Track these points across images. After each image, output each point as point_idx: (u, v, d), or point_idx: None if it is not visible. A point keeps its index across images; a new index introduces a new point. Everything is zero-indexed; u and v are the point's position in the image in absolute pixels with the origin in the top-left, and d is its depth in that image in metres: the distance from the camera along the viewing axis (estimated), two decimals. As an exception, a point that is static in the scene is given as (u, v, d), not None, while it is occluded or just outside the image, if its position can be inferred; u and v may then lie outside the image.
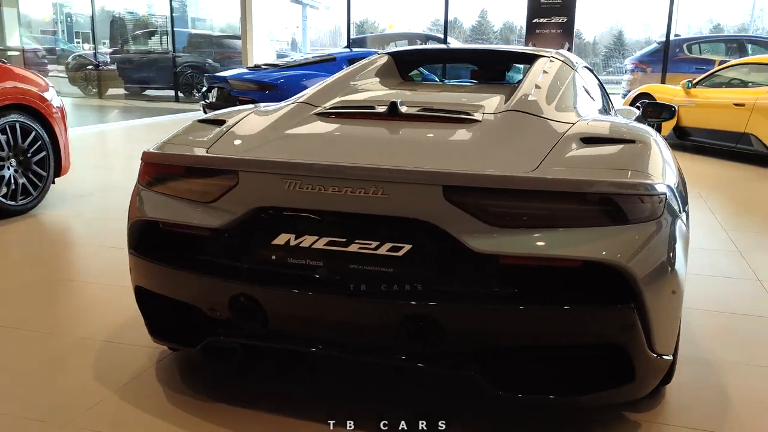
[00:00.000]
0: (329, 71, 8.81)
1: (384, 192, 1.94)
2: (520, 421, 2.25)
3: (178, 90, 15.82)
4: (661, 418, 2.29)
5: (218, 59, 16.38)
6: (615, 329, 1.93)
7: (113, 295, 3.38)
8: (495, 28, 45.79)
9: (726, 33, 29.66)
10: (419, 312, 1.94)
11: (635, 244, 1.91)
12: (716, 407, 2.37)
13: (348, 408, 2.30)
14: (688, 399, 2.41)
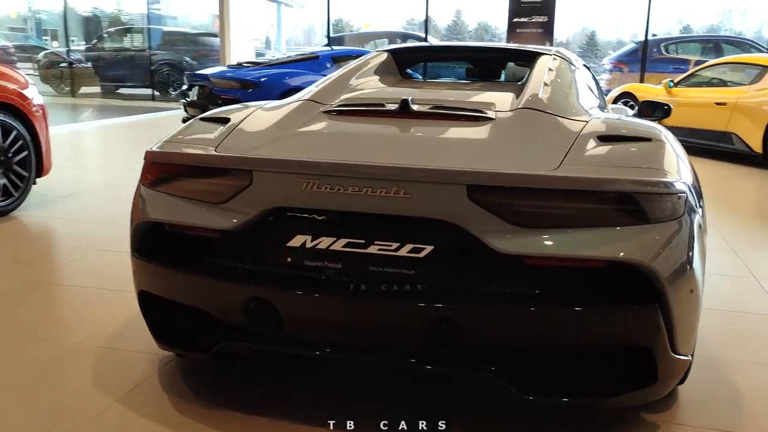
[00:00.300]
0: (313, 69, 8.77)
1: (406, 192, 1.89)
2: (521, 421, 2.22)
3: (154, 88, 15.59)
4: (678, 418, 2.28)
5: (195, 57, 16.17)
6: (640, 330, 1.91)
7: (103, 299, 3.28)
8: (469, 27, 46.02)
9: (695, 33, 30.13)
10: (442, 315, 1.89)
11: (659, 243, 1.88)
12: (729, 406, 2.36)
13: (348, 408, 2.27)
14: (700, 398, 2.40)
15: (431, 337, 1.91)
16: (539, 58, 3.13)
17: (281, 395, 2.38)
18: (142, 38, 17.10)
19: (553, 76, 2.81)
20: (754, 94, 7.49)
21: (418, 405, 2.29)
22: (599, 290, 1.92)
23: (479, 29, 45.21)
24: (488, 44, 3.68)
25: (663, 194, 1.91)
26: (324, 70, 8.90)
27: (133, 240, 2.31)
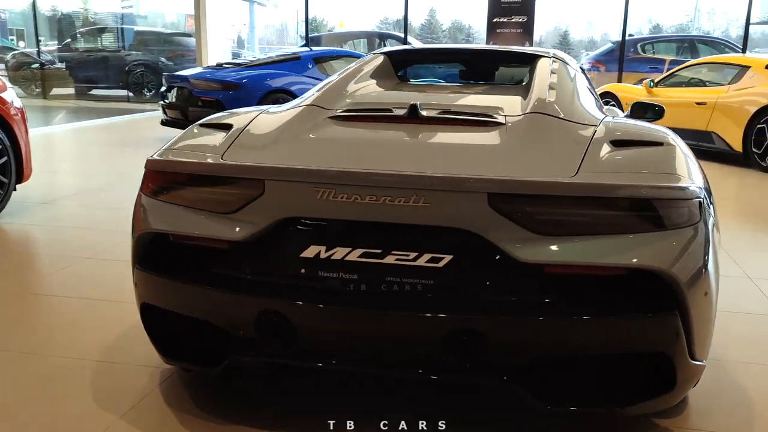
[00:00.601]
0: (294, 70, 8.69)
1: (425, 201, 1.85)
2: (522, 421, 2.21)
3: (129, 90, 15.35)
4: (690, 423, 2.27)
5: (170, 57, 15.95)
6: (660, 337, 1.89)
7: (94, 310, 3.19)
8: (444, 27, 46.16)
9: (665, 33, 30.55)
10: (462, 325, 1.86)
11: (678, 249, 1.87)
12: (738, 410, 2.36)
13: (348, 408, 2.25)
14: (709, 401, 2.39)
15: (451, 348, 1.87)
16: (538, 61, 3.11)
17: (281, 393, 2.37)
18: (116, 38, 16.81)
19: (555, 80, 2.79)
20: (733, 93, 7.58)
21: (418, 405, 2.27)
22: (619, 298, 1.90)
23: (453, 29, 45.43)
24: (485, 46, 3.66)
25: (681, 200, 1.90)
26: (306, 71, 8.84)
27: (135, 251, 2.24)
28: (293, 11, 39.91)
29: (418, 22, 43.39)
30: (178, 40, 16.82)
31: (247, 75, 8.41)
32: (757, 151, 7.15)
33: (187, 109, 8.39)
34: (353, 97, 2.68)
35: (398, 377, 2.02)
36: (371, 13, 60.36)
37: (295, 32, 40.90)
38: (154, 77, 15.47)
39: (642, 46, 13.66)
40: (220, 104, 8.11)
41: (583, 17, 53.03)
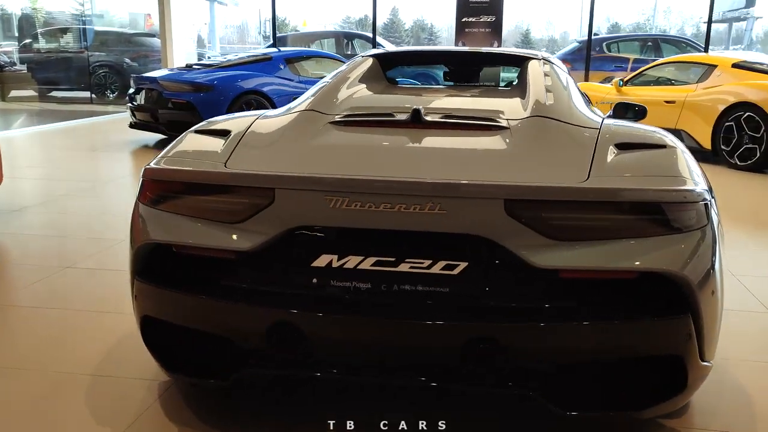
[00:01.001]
0: (266, 71, 8.60)
1: (442, 208, 1.83)
2: (522, 420, 2.22)
3: (92, 91, 15.01)
4: (696, 423, 2.29)
5: (134, 58, 15.65)
6: (674, 339, 1.91)
7: (81, 322, 3.10)
8: (406, 26, 46.22)
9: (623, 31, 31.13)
10: (480, 333, 1.84)
11: (690, 251, 1.89)
12: (740, 408, 2.40)
13: (348, 408, 2.25)
14: (711, 400, 2.42)
15: (469, 357, 1.86)
16: (529, 63, 3.11)
17: (281, 393, 2.35)
18: (78, 39, 16.41)
19: (550, 82, 2.80)
20: (701, 92, 7.73)
21: (418, 405, 2.27)
22: (632, 301, 1.91)
23: (416, 27, 45.53)
24: (473, 49, 3.66)
25: (691, 202, 1.91)
26: (277, 72, 8.75)
27: (135, 263, 2.17)
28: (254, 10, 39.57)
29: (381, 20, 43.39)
30: (141, 40, 16.52)
31: (219, 76, 8.28)
32: (726, 149, 7.30)
33: (156, 111, 8.24)
34: (350, 102, 2.64)
35: (414, 387, 2.00)
36: (334, 11, 60.14)
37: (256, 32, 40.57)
38: (118, 78, 15.17)
39: (607, 45, 13.87)
40: (192, 106, 7.99)
41: (543, 16, 53.68)
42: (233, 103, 8.06)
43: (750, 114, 7.06)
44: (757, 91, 7.09)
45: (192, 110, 7.98)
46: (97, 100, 14.87)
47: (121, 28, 18.73)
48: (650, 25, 38.36)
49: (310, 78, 9.00)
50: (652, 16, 39.59)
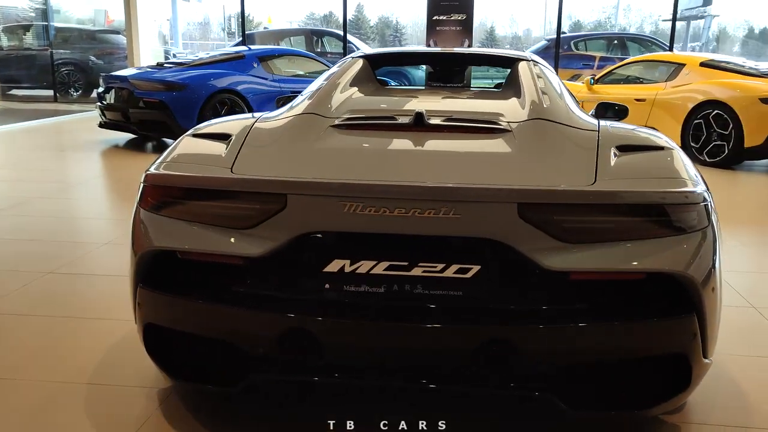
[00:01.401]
0: (238, 69, 8.52)
1: (456, 212, 1.84)
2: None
3: (56, 89, 14.68)
4: (695, 418, 2.34)
5: (99, 55, 15.34)
6: (680, 338, 1.95)
7: (70, 329, 3.03)
8: (371, 23, 46.14)
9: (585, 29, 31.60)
10: (492, 335, 1.86)
11: (694, 252, 1.93)
12: (737, 402, 2.45)
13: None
14: (707, 395, 2.46)
15: (483, 359, 1.87)
16: (519, 64, 3.14)
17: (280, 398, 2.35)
18: (42, 36, 16.02)
19: (543, 84, 2.84)
20: (671, 90, 7.89)
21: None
22: (640, 302, 1.95)
23: (381, 24, 45.49)
24: (461, 50, 3.68)
25: (694, 203, 1.96)
26: (250, 70, 8.67)
27: (138, 270, 2.13)
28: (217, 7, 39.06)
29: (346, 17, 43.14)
30: (106, 37, 16.20)
31: (191, 75, 8.17)
32: (695, 146, 7.47)
33: (128, 110, 8.10)
34: (349, 105, 2.64)
35: (428, 390, 2.00)
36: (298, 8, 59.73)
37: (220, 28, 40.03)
38: (82, 76, 14.86)
39: (575, 44, 14.05)
40: (164, 105, 7.88)
41: (507, 13, 54.12)
42: (206, 102, 7.97)
43: (718, 112, 7.23)
44: (725, 90, 7.27)
45: (165, 109, 7.87)
46: (61, 98, 14.54)
47: (84, 25, 18.32)
48: (611, 23, 39.01)
49: (284, 77, 8.94)
50: (613, 14, 40.27)
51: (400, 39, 40.85)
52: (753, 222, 5.31)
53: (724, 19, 35.26)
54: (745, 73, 7.61)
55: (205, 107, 7.95)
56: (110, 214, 5.51)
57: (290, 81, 8.90)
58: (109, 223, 5.08)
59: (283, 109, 2.71)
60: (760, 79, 7.39)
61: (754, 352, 2.88)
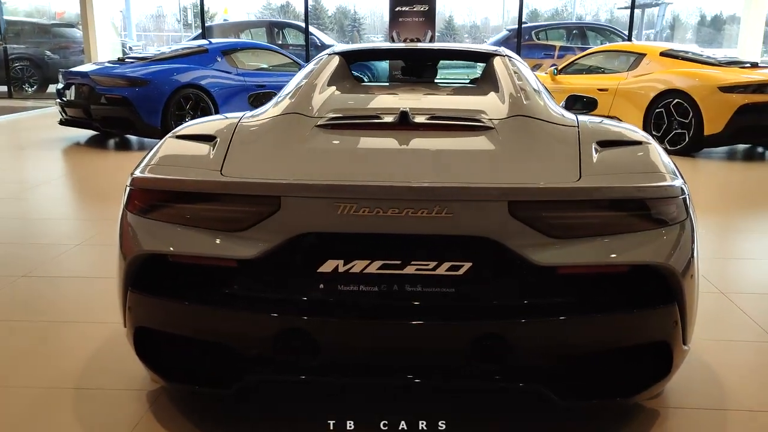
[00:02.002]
0: (201, 64, 8.42)
1: (448, 211, 1.88)
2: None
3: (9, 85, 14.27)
4: (672, 402, 2.42)
5: (54, 50, 14.95)
6: (663, 327, 2.03)
7: (53, 333, 3.00)
8: (329, 12, 45.84)
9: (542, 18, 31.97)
10: (487, 331, 1.91)
11: (676, 243, 2.01)
12: (711, 386, 2.55)
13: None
14: (683, 380, 2.54)
15: (477, 354, 1.92)
16: (494, 60, 3.20)
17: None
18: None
19: (519, 80, 2.90)
20: (632, 80, 8.06)
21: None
22: (624, 293, 2.02)
23: (338, 14, 45.22)
24: (434, 46, 3.72)
25: (674, 197, 2.03)
26: (213, 64, 8.58)
27: (128, 274, 2.13)
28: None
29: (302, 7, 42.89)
30: (61, 31, 15.80)
31: (154, 70, 8.05)
32: (657, 134, 7.65)
33: (89, 107, 7.95)
34: (331, 104, 2.65)
35: (423, 386, 2.05)
36: None
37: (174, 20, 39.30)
38: (37, 71, 14.49)
39: (536, 33, 14.22)
40: (127, 101, 7.76)
41: (465, 2, 54.36)
42: (171, 98, 7.87)
43: (679, 101, 7.42)
44: (685, 79, 7.46)
45: (128, 106, 7.75)
46: (16, 94, 14.16)
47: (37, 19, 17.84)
48: (567, 11, 39.47)
49: (249, 70, 8.87)
50: (570, 2, 40.75)
51: (359, 30, 40.69)
52: (715, 209, 5.47)
53: (677, 7, 36.02)
54: (704, 62, 7.82)
55: (170, 103, 7.85)
56: (79, 215, 5.43)
57: (255, 75, 8.84)
58: (79, 224, 5.01)
59: (264, 109, 2.71)
60: (718, 68, 7.61)
61: (725, 336, 3.00)
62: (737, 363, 2.74)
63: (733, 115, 7.11)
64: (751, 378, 2.63)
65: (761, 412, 2.37)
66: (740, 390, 2.52)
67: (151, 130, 7.85)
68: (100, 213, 5.18)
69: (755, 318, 3.15)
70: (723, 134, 7.20)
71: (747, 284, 3.75)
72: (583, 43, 13.98)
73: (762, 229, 4.92)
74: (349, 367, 2.04)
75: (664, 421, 2.31)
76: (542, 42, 14.11)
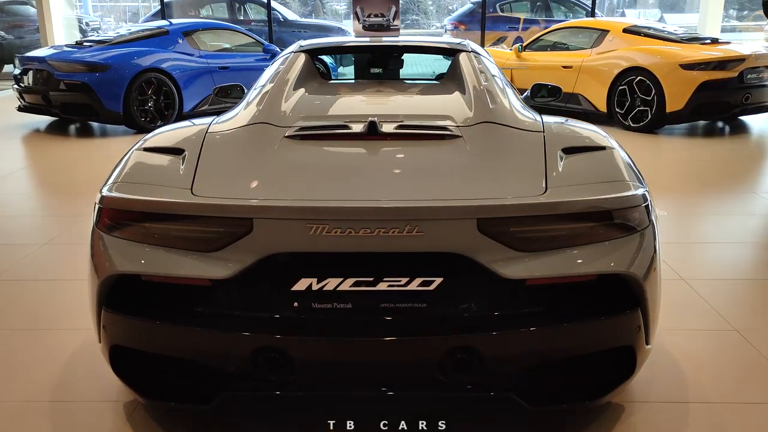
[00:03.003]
0: (162, 46, 8.27)
1: (419, 230, 1.92)
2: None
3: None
4: (636, 396, 2.51)
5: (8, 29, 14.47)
6: (628, 332, 2.10)
7: (20, 342, 2.97)
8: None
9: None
10: (457, 344, 1.96)
11: (637, 251, 2.08)
12: (673, 377, 2.64)
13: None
14: (646, 372, 2.61)
15: (448, 366, 1.98)
16: (460, 56, 3.22)
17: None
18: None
19: (485, 81, 2.92)
20: (596, 57, 8.13)
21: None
22: (589, 302, 2.09)
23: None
24: (398, 40, 3.73)
25: (637, 206, 2.10)
26: (175, 46, 8.42)
27: (101, 294, 2.13)
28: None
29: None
30: (13, 9, 15.27)
31: (114, 54, 7.87)
32: (620, 111, 7.76)
33: (48, 93, 7.77)
34: (299, 110, 2.66)
35: (397, 396, 2.10)
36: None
37: None
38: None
39: (500, 6, 14.18)
40: (87, 87, 7.59)
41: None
42: (132, 83, 7.71)
43: (641, 78, 7.51)
44: (647, 56, 7.55)
45: (88, 92, 7.59)
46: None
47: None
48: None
49: (211, 52, 8.73)
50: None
51: (323, 3, 40.08)
52: (676, 190, 5.59)
53: (638, -27, 36.12)
54: (666, 38, 7.92)
55: (131, 88, 7.70)
56: (45, 210, 5.34)
57: (217, 56, 8.70)
58: (46, 221, 4.93)
59: (232, 114, 2.70)
60: (679, 45, 7.71)
61: (687, 325, 3.10)
62: (698, 353, 2.84)
63: (694, 92, 7.24)
64: (711, 369, 2.72)
65: (721, 404, 2.47)
66: (701, 381, 2.61)
67: (113, 116, 7.71)
68: (65, 208, 5.10)
69: (716, 306, 3.26)
70: (684, 111, 7.33)
71: (708, 270, 3.84)
72: (547, 15, 14.02)
73: (723, 211, 5.04)
74: (323, 380, 2.08)
75: (629, 416, 2.40)
76: (507, 14, 14.09)
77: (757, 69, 7.45)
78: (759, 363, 2.76)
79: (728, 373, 2.70)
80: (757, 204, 5.10)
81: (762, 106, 7.67)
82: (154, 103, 7.95)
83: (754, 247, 4.24)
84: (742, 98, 7.41)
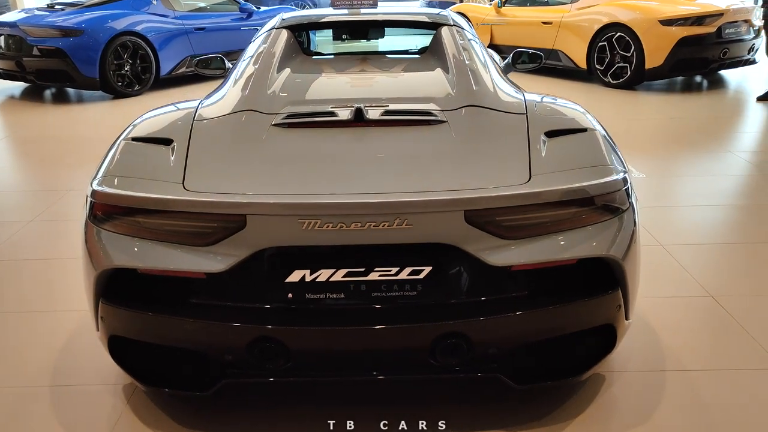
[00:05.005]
0: (135, 8, 8.13)
1: (408, 222, 1.98)
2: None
3: None
4: (616, 365, 2.62)
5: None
6: (609, 311, 2.20)
7: (13, 327, 3.02)
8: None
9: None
10: (447, 330, 2.04)
11: (617, 234, 2.15)
12: (652, 346, 2.75)
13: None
14: (624, 342, 2.74)
15: (438, 351, 2.07)
16: (441, 30, 3.24)
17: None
18: None
19: (469, 59, 2.95)
20: (576, 13, 8.11)
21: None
22: (572, 284, 2.17)
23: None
24: (380, 12, 3.72)
25: (618, 191, 2.16)
26: (147, 7, 8.25)
27: (98, 287, 2.17)
28: None
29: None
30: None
31: (87, 18, 7.71)
32: (600, 68, 7.79)
33: (21, 59, 7.63)
34: (286, 95, 2.68)
35: (391, 381, 2.20)
36: None
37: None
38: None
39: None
40: (62, 53, 7.46)
41: None
42: (107, 47, 7.59)
43: (621, 34, 7.52)
44: (627, 12, 7.54)
45: (63, 57, 7.47)
46: None
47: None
48: None
49: (186, 13, 8.57)
50: None
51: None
52: (654, 150, 5.66)
53: None
54: (644, -7, 7.91)
55: (107, 52, 7.59)
56: (28, 185, 5.29)
57: (193, 17, 8.56)
58: (29, 196, 4.89)
59: (219, 96, 2.72)
60: (659, 1, 7.70)
61: (664, 292, 3.20)
62: (674, 321, 2.95)
63: (673, 48, 7.27)
64: (687, 336, 2.84)
65: (696, 371, 2.59)
66: (677, 349, 2.73)
67: (89, 82, 7.61)
68: (48, 183, 5.07)
69: (693, 273, 3.37)
70: (663, 67, 7.37)
71: (686, 234, 3.91)
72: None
73: (700, 172, 5.11)
74: (316, 367, 2.17)
75: (610, 386, 2.52)
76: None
77: (735, 23, 7.50)
78: (732, 329, 2.89)
79: (703, 340, 2.82)
80: (733, 164, 5.21)
81: (739, 60, 7.75)
82: (130, 68, 7.84)
83: (729, 210, 4.34)
84: (720, 53, 7.47)
